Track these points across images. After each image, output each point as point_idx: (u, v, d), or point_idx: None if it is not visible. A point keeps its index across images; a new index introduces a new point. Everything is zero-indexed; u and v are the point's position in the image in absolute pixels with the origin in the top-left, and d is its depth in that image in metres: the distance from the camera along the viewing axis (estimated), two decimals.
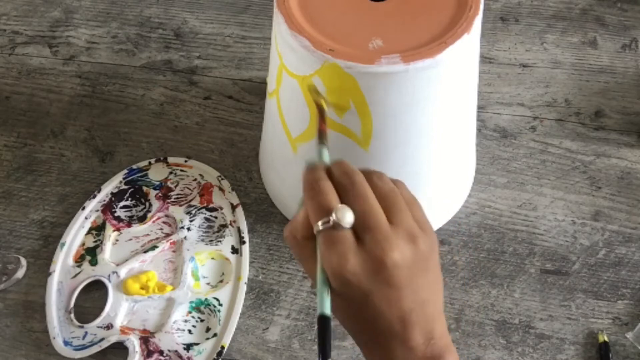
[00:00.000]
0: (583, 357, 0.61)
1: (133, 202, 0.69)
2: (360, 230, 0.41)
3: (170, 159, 0.72)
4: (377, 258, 0.40)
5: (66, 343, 0.61)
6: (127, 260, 0.65)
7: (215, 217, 0.68)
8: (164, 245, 0.66)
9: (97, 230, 0.68)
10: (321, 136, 0.48)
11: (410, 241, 0.41)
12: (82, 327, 0.62)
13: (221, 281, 0.65)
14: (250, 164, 0.73)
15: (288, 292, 0.65)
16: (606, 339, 0.61)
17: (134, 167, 0.72)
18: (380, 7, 0.55)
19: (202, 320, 0.63)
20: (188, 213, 0.68)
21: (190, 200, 0.69)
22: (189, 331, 0.62)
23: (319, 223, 0.40)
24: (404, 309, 0.41)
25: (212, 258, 0.66)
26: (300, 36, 0.52)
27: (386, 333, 0.42)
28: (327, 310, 0.40)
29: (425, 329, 0.42)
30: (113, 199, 0.69)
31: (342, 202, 0.41)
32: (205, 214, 0.68)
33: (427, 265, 0.42)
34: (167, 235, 0.67)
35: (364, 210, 0.41)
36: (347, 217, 0.40)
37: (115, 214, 0.68)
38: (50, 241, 0.68)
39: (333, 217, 0.40)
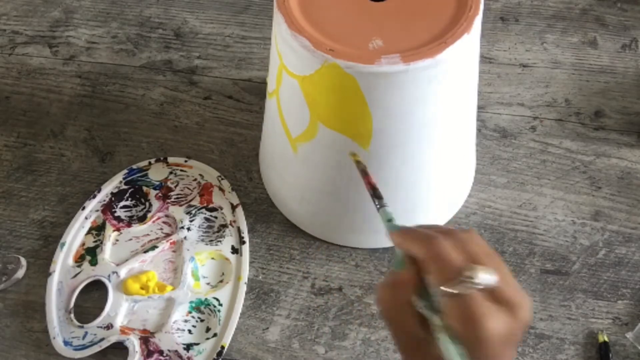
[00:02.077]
0: (583, 357, 0.61)
1: (133, 202, 0.69)
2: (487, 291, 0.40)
3: (170, 159, 0.72)
4: (515, 319, 0.39)
5: (66, 343, 0.61)
6: (127, 260, 0.65)
7: (215, 217, 0.68)
8: (164, 245, 0.66)
9: (97, 230, 0.68)
10: (376, 195, 0.48)
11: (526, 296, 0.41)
12: (82, 327, 0.62)
13: (221, 281, 0.65)
14: (250, 164, 0.73)
15: (288, 292, 0.65)
16: (606, 339, 0.61)
17: (134, 167, 0.72)
18: (380, 7, 0.55)
19: (202, 320, 0.63)
20: (188, 213, 0.68)
21: (190, 200, 0.69)
22: (189, 331, 0.62)
23: (456, 281, 0.39)
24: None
25: (212, 258, 0.66)
26: (300, 36, 0.52)
27: None
28: None
29: None
30: (113, 199, 0.69)
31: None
32: (205, 214, 0.68)
33: None
34: (167, 235, 0.67)
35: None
36: (486, 278, 0.39)
37: (115, 214, 0.68)
38: (50, 241, 0.68)
39: (472, 275, 0.39)
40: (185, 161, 0.72)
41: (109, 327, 0.61)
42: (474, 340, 0.39)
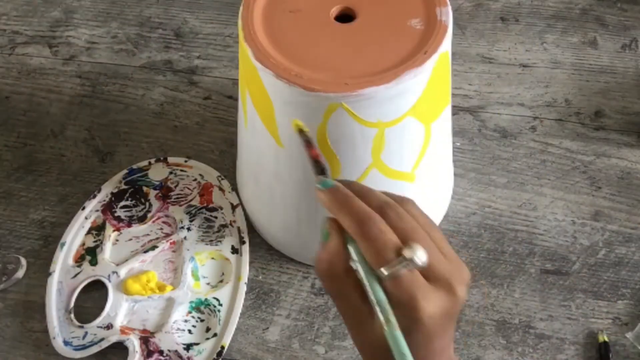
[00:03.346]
0: (583, 357, 0.61)
1: (133, 202, 0.69)
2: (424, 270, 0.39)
3: (170, 159, 0.72)
4: (451, 297, 0.39)
5: (66, 343, 0.61)
6: (127, 260, 0.65)
7: (215, 217, 0.68)
8: (164, 245, 0.66)
9: (97, 230, 0.68)
10: (318, 166, 0.44)
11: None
12: (82, 327, 0.62)
13: (221, 281, 0.65)
14: None
15: (288, 292, 0.65)
16: (606, 339, 0.61)
17: (134, 167, 0.72)
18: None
19: (202, 320, 0.63)
20: (188, 213, 0.68)
21: (190, 200, 0.69)
22: (189, 331, 0.62)
23: (392, 263, 0.38)
24: (450, 353, 0.41)
25: (212, 258, 0.66)
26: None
27: None
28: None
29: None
30: (113, 199, 0.69)
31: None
32: (205, 214, 0.68)
33: None
34: (167, 235, 0.67)
35: (426, 246, 0.39)
36: (423, 256, 0.38)
37: (115, 214, 0.68)
38: (50, 241, 0.68)
39: (407, 256, 0.38)
40: (185, 161, 0.72)
41: (109, 327, 0.61)
42: (411, 322, 0.38)
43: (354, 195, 0.41)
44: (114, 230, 0.67)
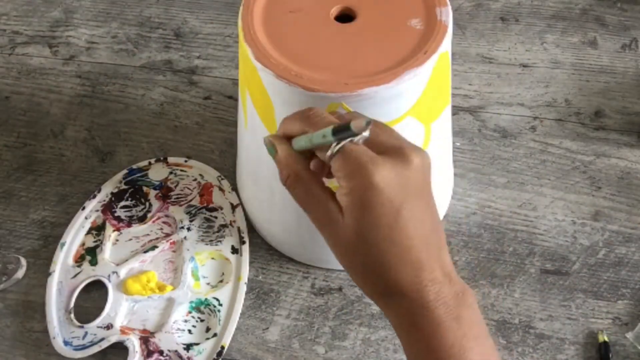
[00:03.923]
0: (583, 357, 0.61)
1: (133, 202, 0.69)
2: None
3: (170, 159, 0.72)
4: (404, 163, 0.39)
5: (66, 343, 0.61)
6: (127, 260, 0.65)
7: (215, 217, 0.68)
8: (164, 245, 0.66)
9: (97, 230, 0.68)
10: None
11: (419, 149, 0.40)
12: (82, 327, 0.62)
13: (221, 281, 0.65)
14: None
15: (288, 292, 0.65)
16: (606, 339, 0.61)
17: (134, 167, 0.72)
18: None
19: (202, 320, 0.63)
20: (188, 213, 0.68)
21: (190, 200, 0.69)
22: (189, 331, 0.62)
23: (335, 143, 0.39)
24: (436, 225, 0.40)
25: (212, 258, 0.66)
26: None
27: (413, 261, 0.39)
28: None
29: (444, 250, 0.41)
30: (113, 199, 0.69)
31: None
32: (205, 214, 0.68)
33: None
34: (167, 235, 0.67)
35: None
36: (362, 124, 0.38)
37: (115, 214, 0.68)
38: (50, 241, 0.68)
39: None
40: (185, 161, 0.72)
41: (109, 327, 0.61)
42: (365, 188, 0.38)
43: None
44: (114, 230, 0.67)
